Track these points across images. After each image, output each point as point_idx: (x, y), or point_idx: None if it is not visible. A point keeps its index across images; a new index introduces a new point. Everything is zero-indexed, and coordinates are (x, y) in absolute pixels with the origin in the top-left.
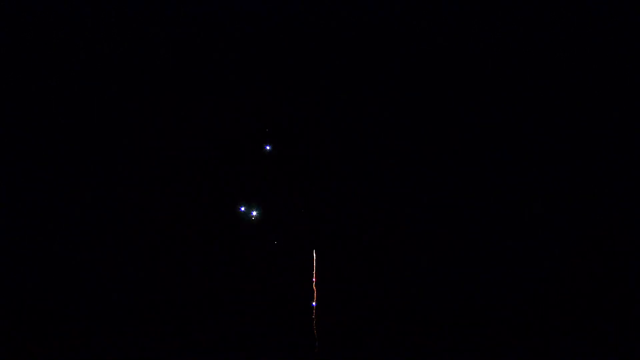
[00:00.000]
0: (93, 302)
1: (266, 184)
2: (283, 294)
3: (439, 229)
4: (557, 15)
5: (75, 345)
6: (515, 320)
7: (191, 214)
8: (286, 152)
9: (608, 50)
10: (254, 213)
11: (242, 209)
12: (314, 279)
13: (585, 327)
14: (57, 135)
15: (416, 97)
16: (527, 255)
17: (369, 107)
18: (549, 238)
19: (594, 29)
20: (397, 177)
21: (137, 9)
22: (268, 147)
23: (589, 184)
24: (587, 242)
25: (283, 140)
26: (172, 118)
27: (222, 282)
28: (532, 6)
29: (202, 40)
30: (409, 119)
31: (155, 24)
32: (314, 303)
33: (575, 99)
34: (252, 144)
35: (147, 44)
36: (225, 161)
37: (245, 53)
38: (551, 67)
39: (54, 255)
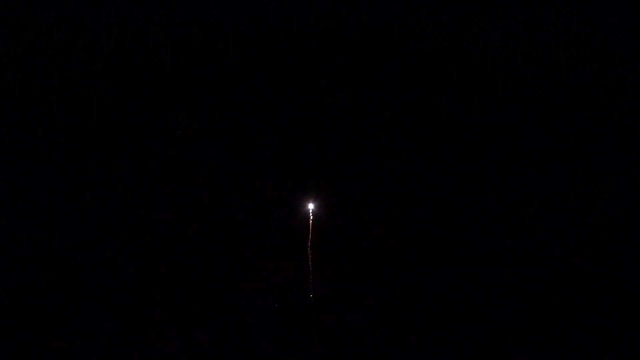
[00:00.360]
0: (93, 302)
1: (266, 184)
2: (283, 294)
3: (439, 229)
4: (557, 15)
5: (75, 345)
6: (515, 320)
7: (191, 214)
8: (286, 152)
9: (608, 50)
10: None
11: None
12: (311, 278)
13: (585, 327)
14: (57, 135)
15: (416, 97)
16: (527, 255)
17: (369, 107)
18: (549, 238)
19: (594, 29)
20: (397, 177)
21: (137, 9)
22: None
23: (589, 184)
24: (587, 242)
25: (283, 140)
26: (172, 118)
27: (222, 282)
28: (532, 6)
29: (202, 40)
30: (409, 119)
31: (155, 24)
32: (312, 303)
33: (575, 99)
34: (252, 144)
35: (147, 44)
36: (225, 161)
37: (245, 53)
38: (551, 67)
39: (54, 255)
